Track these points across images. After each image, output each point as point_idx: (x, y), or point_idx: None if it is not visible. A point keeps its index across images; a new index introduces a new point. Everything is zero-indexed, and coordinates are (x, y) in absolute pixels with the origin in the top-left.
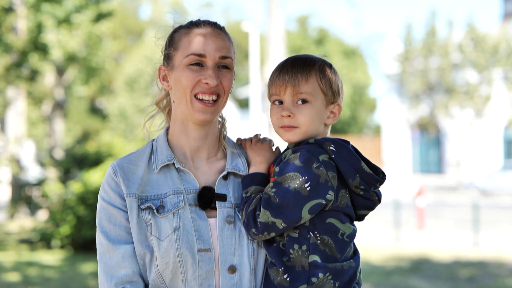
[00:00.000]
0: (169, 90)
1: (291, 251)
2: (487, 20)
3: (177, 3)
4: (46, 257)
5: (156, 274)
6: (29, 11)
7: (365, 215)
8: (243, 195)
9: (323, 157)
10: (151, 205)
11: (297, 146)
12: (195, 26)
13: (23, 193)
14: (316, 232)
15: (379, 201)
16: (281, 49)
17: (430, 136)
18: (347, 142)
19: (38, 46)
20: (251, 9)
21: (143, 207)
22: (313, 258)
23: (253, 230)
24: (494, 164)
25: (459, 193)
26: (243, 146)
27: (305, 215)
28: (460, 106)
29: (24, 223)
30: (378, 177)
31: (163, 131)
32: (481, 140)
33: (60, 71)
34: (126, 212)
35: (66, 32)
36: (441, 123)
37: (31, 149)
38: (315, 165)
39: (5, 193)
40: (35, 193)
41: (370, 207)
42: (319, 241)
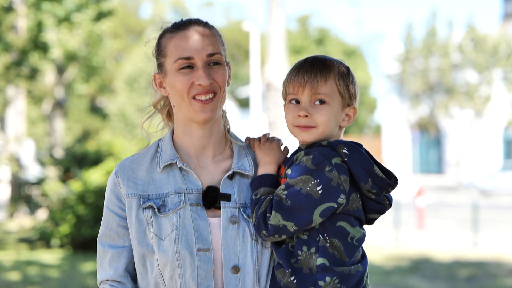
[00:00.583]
0: (167, 95)
1: (300, 253)
2: (487, 20)
3: (178, 3)
4: (45, 256)
5: (157, 273)
6: (29, 10)
7: (375, 219)
8: (253, 197)
9: (335, 160)
10: (153, 204)
11: (309, 147)
12: (179, 28)
13: (23, 192)
14: (325, 234)
15: (390, 205)
16: (281, 49)
17: (430, 136)
18: (360, 145)
19: (38, 45)
20: (252, 8)
21: (144, 206)
22: (321, 261)
23: (264, 232)
24: (493, 164)
25: (459, 193)
26: (251, 145)
27: (317, 219)
28: (460, 106)
29: (23, 222)
30: (390, 181)
31: (169, 132)
32: (481, 140)
33: (60, 70)
34: (119, 216)
35: (66, 31)
36: (441, 123)
37: (31, 148)
38: (327, 168)
39: (4, 192)
40: (35, 192)
41: (380, 211)
42: (328, 244)
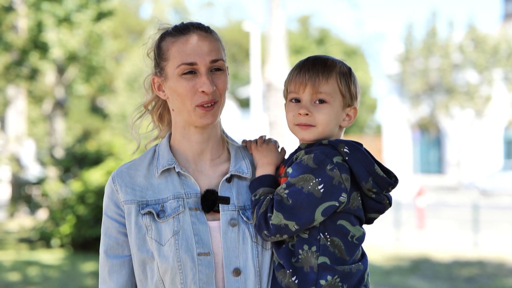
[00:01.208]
0: (166, 99)
1: (300, 251)
2: (487, 20)
3: (178, 3)
4: (45, 256)
5: (157, 279)
6: (29, 10)
7: (375, 219)
8: (252, 198)
9: (337, 159)
10: (152, 210)
11: (309, 146)
12: (181, 33)
13: (23, 192)
14: (326, 233)
15: (390, 204)
16: (282, 49)
17: (430, 136)
18: (360, 144)
19: (38, 45)
20: (252, 8)
21: (143, 212)
22: (322, 259)
23: (265, 232)
24: (494, 164)
25: (459, 193)
26: (248, 147)
27: (318, 217)
28: (460, 106)
29: (24, 222)
30: (391, 181)
31: (166, 137)
32: (481, 140)
33: (60, 70)
34: (118, 222)
35: (66, 31)
36: (441, 123)
37: (31, 148)
38: (329, 167)
39: (5, 192)
40: (35, 192)
41: (380, 211)
42: (329, 243)
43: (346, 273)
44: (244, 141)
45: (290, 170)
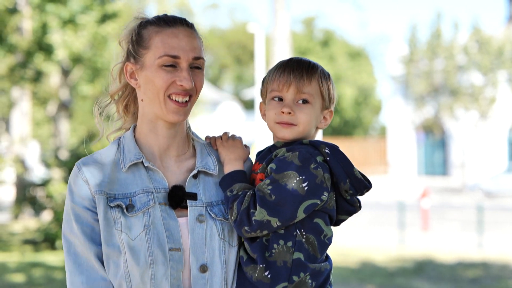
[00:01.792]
0: (137, 88)
1: (275, 246)
2: (492, 22)
3: (183, 4)
4: (50, 258)
5: (123, 274)
6: (34, 12)
7: (343, 221)
8: (228, 194)
9: (319, 159)
10: (121, 203)
11: (286, 145)
12: (167, 24)
13: (28, 193)
14: (302, 230)
15: (359, 207)
16: (286, 50)
17: (435, 137)
18: (337, 146)
19: (43, 46)
20: (257, 10)
21: (112, 204)
22: (297, 255)
23: (246, 228)
24: (498, 166)
25: (464, 195)
26: (212, 144)
27: (300, 214)
28: (465, 108)
29: (28, 223)
30: (367, 184)
31: (130, 130)
32: (485, 142)
33: (65, 72)
34: (94, 212)
35: (71, 32)
36: (446, 125)
37: (36, 150)
38: (313, 166)
39: (9, 194)
40: (40, 194)
41: (351, 213)
42: (304, 239)
43: (316, 271)
44: (207, 138)
45: (273, 166)
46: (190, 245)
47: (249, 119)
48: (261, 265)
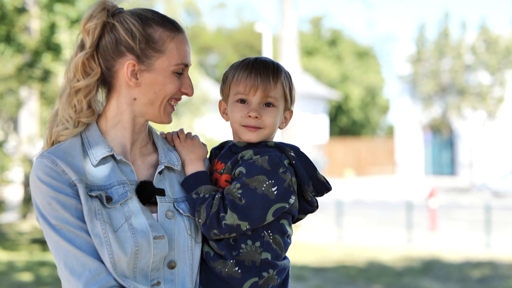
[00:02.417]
0: (133, 87)
1: (243, 246)
2: (499, 22)
3: (191, 4)
4: None
5: (110, 263)
6: (42, 11)
7: (301, 219)
8: (194, 196)
9: (286, 162)
10: (100, 194)
11: (250, 146)
12: (177, 30)
13: None
14: (269, 231)
15: (317, 207)
16: (294, 50)
17: (442, 137)
18: (298, 148)
19: (51, 46)
20: (264, 10)
21: (92, 194)
22: (265, 255)
23: (215, 231)
24: (506, 165)
25: (471, 194)
26: (169, 140)
27: (269, 218)
28: (472, 107)
29: (36, 223)
30: (328, 186)
31: (93, 124)
32: (493, 141)
33: None
34: (78, 199)
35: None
36: (453, 125)
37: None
38: (281, 170)
39: (17, 193)
40: None
41: (309, 212)
42: (271, 240)
43: (281, 268)
44: (162, 133)
45: (243, 170)
46: None
47: None
48: (231, 261)
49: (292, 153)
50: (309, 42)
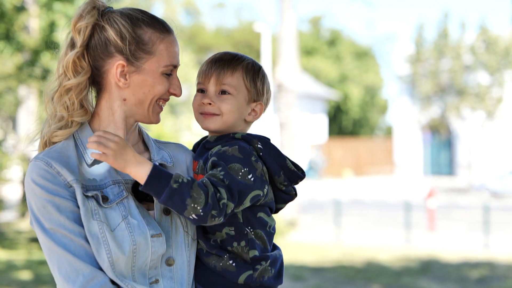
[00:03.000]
0: (122, 87)
1: (230, 248)
2: (499, 22)
3: (190, 3)
4: None
5: (109, 263)
6: (41, 10)
7: (281, 208)
8: (174, 186)
9: (254, 153)
10: (96, 194)
11: (219, 139)
12: (167, 31)
13: None
14: (250, 227)
15: (296, 195)
16: (293, 50)
17: (441, 137)
18: (268, 138)
19: (50, 45)
20: (264, 9)
21: (88, 194)
22: (253, 253)
23: (214, 212)
24: (505, 166)
25: (470, 195)
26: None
27: (246, 203)
28: (471, 108)
29: None
30: (300, 174)
31: (85, 125)
32: (492, 142)
33: None
34: (74, 201)
35: None
36: (452, 125)
37: None
38: (253, 158)
39: (16, 192)
40: None
41: (288, 201)
42: (254, 235)
43: (273, 259)
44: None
45: (215, 159)
46: None
47: None
48: (225, 256)
49: (259, 145)
50: (308, 42)
